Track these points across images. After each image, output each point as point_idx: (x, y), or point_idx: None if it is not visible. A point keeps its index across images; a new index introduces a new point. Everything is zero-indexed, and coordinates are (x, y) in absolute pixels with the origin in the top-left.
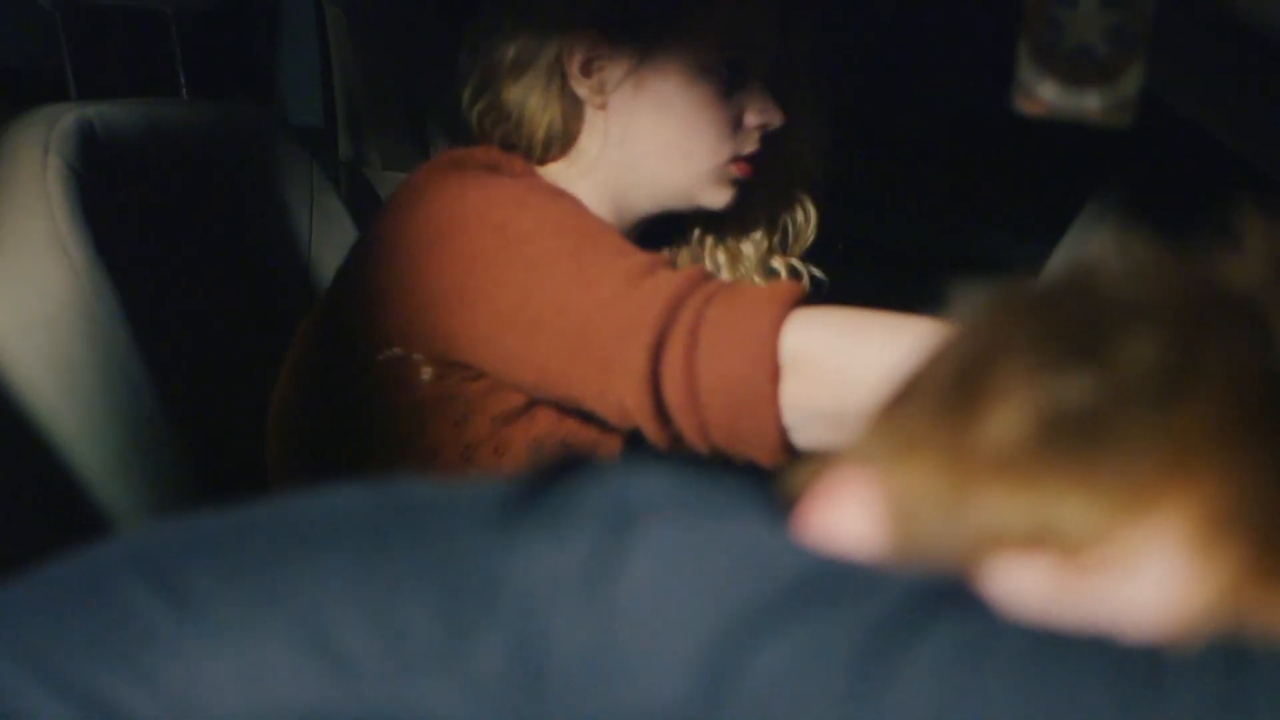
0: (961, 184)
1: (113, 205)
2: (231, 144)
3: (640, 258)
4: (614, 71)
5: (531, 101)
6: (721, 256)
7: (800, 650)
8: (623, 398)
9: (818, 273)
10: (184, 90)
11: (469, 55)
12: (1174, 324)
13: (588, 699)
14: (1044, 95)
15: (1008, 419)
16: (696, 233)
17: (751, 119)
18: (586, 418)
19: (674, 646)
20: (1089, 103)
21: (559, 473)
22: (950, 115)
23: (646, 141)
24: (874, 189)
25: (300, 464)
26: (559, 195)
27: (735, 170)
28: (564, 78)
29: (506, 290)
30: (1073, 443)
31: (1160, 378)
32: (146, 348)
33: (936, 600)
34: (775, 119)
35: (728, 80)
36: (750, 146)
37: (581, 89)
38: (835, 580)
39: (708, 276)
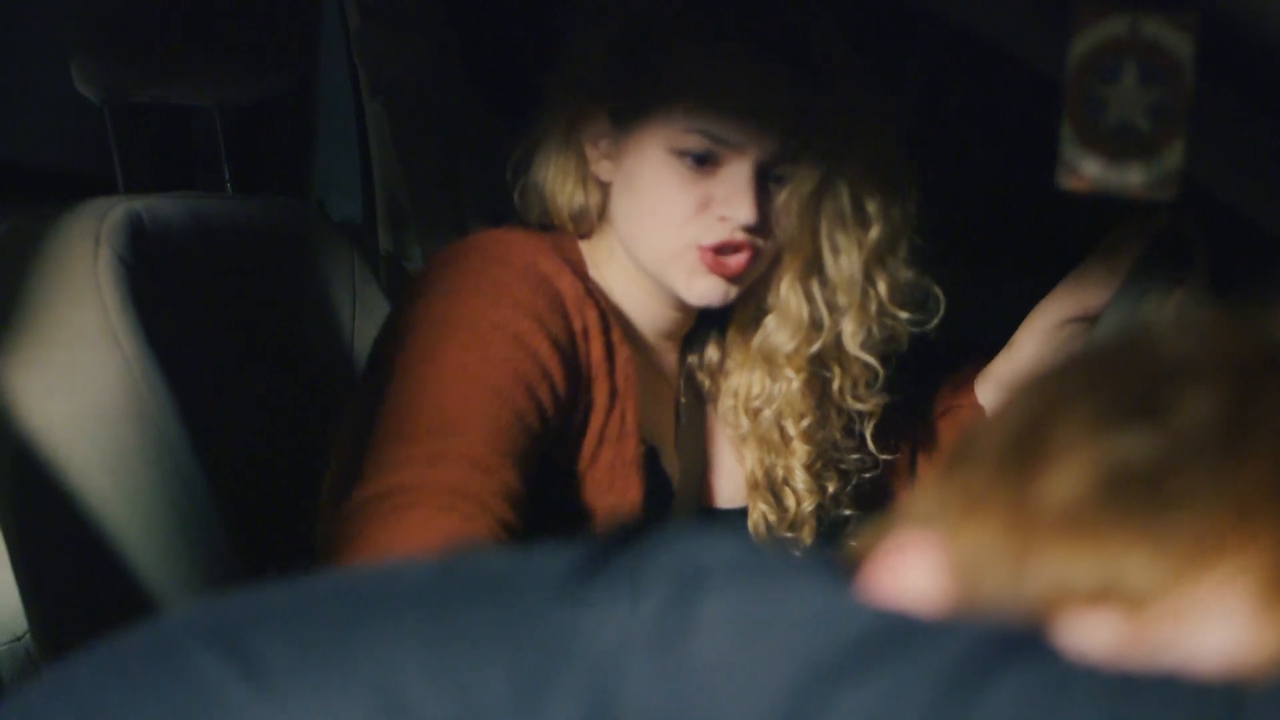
0: (1005, 265)
1: (161, 296)
2: (275, 237)
3: (457, 433)
4: (611, 145)
5: (551, 178)
6: (758, 354)
7: (876, 701)
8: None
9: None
10: (229, 184)
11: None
12: (1231, 380)
13: None
14: (1088, 172)
15: (1069, 477)
16: (730, 333)
17: (718, 208)
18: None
19: (748, 704)
20: (1132, 178)
21: (626, 538)
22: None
23: (624, 217)
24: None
25: None
26: (503, 331)
27: (700, 259)
28: (581, 153)
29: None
30: (1134, 499)
31: (1219, 433)
32: (195, 435)
33: (1010, 646)
34: (741, 213)
35: (694, 164)
36: (715, 236)
37: (594, 164)
38: (906, 632)
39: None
